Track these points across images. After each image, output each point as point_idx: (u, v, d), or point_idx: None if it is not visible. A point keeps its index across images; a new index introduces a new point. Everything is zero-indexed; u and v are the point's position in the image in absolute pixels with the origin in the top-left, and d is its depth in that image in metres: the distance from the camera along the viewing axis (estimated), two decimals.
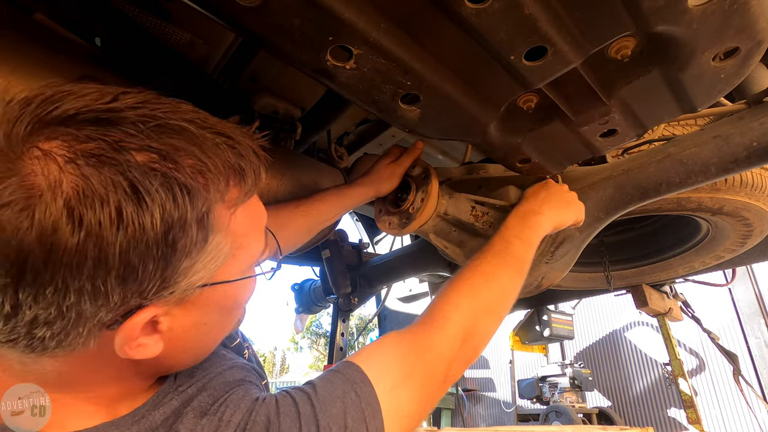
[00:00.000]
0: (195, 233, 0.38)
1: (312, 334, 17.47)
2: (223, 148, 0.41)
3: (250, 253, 0.46)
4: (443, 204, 0.97)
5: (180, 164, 0.37)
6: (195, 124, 0.40)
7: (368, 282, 2.08)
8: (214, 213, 0.40)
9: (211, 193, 0.39)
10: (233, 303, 0.48)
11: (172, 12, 0.91)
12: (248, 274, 0.48)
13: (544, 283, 1.00)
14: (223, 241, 0.42)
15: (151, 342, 0.41)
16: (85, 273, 0.33)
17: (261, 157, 0.45)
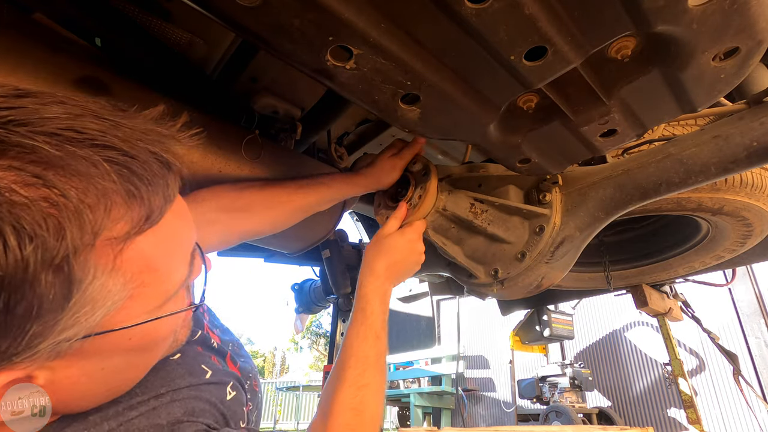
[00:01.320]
0: (47, 289, 0.29)
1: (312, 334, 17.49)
2: (102, 168, 0.31)
3: (160, 289, 0.38)
4: (442, 200, 0.97)
5: (18, 200, 0.28)
6: (58, 137, 0.30)
7: None
8: (84, 258, 0.31)
9: (71, 234, 0.29)
10: (146, 343, 0.40)
11: (172, 12, 0.91)
12: (164, 309, 0.40)
13: (544, 283, 1.00)
14: (109, 286, 0.33)
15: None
16: None
17: (171, 170, 0.37)
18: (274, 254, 1.77)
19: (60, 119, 0.31)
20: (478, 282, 1.03)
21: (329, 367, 2.27)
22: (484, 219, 0.97)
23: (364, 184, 0.96)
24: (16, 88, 0.32)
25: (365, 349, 0.70)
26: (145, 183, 0.34)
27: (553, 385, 5.64)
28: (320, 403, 0.66)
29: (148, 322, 0.38)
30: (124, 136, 0.34)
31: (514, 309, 2.69)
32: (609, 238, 1.80)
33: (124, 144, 0.33)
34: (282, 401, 14.80)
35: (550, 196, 0.94)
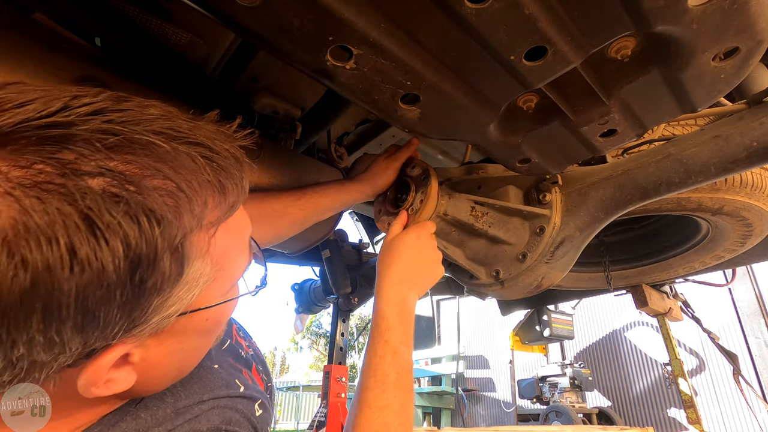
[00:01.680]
0: (168, 267, 0.33)
1: (312, 334, 17.49)
2: (199, 162, 0.35)
3: (232, 273, 0.42)
4: (443, 204, 0.97)
5: (146, 188, 0.31)
6: (164, 135, 0.34)
7: (368, 282, 2.08)
8: (191, 240, 0.35)
9: (185, 219, 0.34)
10: (213, 325, 0.44)
11: (172, 12, 0.91)
12: (230, 294, 0.44)
13: (544, 283, 1.00)
14: (202, 268, 0.37)
15: (121, 376, 0.37)
16: (34, 325, 0.29)
17: (243, 165, 0.40)
18: (274, 254, 1.77)
19: (160, 120, 0.35)
20: (479, 283, 1.03)
21: (329, 367, 2.27)
22: (485, 222, 0.97)
23: (359, 189, 0.96)
24: (117, 94, 0.35)
25: (384, 367, 0.67)
26: (229, 176, 0.38)
27: (553, 385, 5.64)
28: (345, 428, 0.65)
29: (222, 304, 0.42)
30: (206, 135, 0.37)
31: (514, 309, 2.69)
32: (609, 238, 1.80)
33: (209, 141, 0.37)
34: (282, 401, 14.81)
35: (550, 196, 0.94)
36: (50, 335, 0.30)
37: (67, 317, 0.30)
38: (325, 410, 2.15)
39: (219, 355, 0.57)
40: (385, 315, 0.73)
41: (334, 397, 2.17)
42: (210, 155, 0.37)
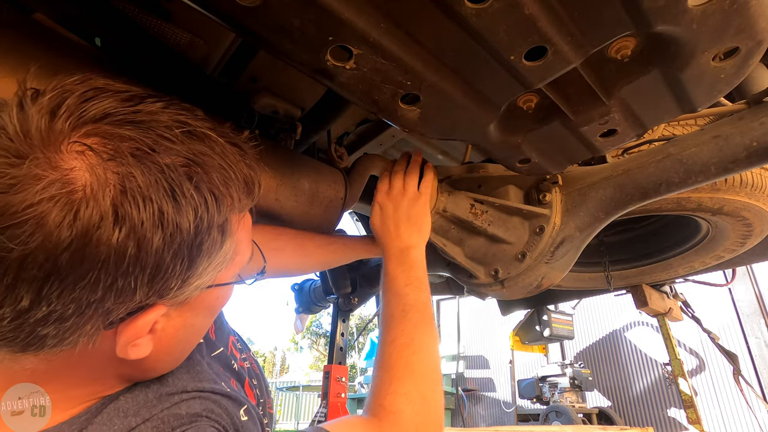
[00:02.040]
0: (216, 237, 0.40)
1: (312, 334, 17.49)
2: (237, 158, 0.42)
3: (242, 259, 0.48)
4: (442, 201, 0.97)
5: (208, 171, 0.38)
6: (216, 132, 0.41)
7: (368, 282, 2.08)
8: (231, 220, 0.42)
9: (231, 200, 0.41)
10: (218, 305, 0.49)
11: (172, 12, 0.91)
12: (236, 279, 0.49)
13: (544, 283, 1.00)
14: (231, 246, 0.43)
15: (143, 342, 0.40)
16: (121, 270, 0.34)
17: (259, 167, 0.47)
18: None
19: (207, 121, 0.42)
20: (478, 282, 1.03)
21: (329, 367, 2.27)
22: (485, 220, 0.97)
23: (376, 253, 1.06)
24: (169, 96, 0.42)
25: (390, 310, 0.75)
26: (255, 175, 0.44)
27: (553, 385, 5.64)
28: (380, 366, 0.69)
29: (230, 285, 0.47)
30: (233, 140, 0.43)
31: (514, 309, 2.69)
32: (609, 238, 1.80)
33: (240, 142, 0.44)
34: (282, 401, 14.80)
35: (550, 196, 0.94)
36: (128, 281, 0.35)
37: (146, 266, 0.35)
38: (325, 410, 2.15)
39: (210, 359, 0.58)
40: (386, 270, 0.82)
41: (334, 397, 2.17)
42: (243, 154, 0.43)
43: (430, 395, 0.66)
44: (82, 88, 0.36)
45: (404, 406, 0.62)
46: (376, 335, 8.68)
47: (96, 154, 0.33)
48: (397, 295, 0.76)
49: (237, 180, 0.41)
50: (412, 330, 0.71)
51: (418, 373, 0.67)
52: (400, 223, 0.87)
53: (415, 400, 0.63)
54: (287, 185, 1.08)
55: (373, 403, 0.64)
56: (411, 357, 0.68)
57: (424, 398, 0.65)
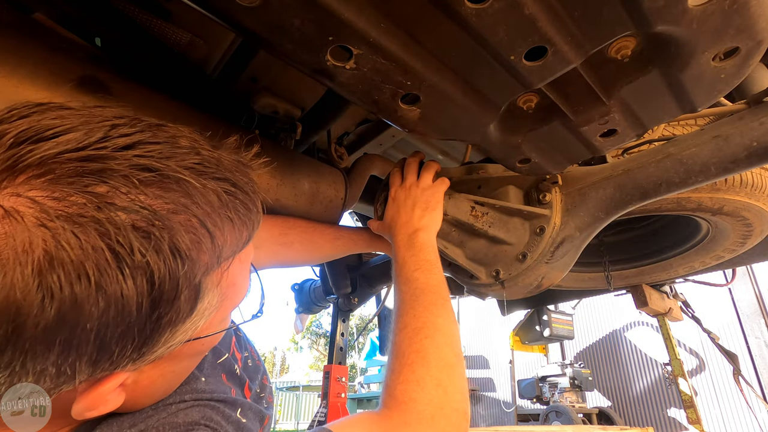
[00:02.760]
0: (183, 305, 0.34)
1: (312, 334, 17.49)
2: (224, 199, 0.36)
3: (234, 302, 0.43)
4: (443, 204, 0.97)
5: (175, 227, 0.32)
6: (194, 171, 0.35)
7: (368, 282, 2.08)
8: (209, 276, 0.36)
9: (206, 256, 0.34)
10: (207, 348, 0.45)
11: (172, 12, 0.91)
12: (227, 321, 0.44)
13: (544, 283, 1.00)
14: (212, 300, 0.38)
15: (112, 397, 0.36)
16: (51, 357, 0.29)
17: (258, 196, 0.41)
18: None
19: (191, 154, 0.35)
20: (479, 283, 1.03)
21: (329, 367, 2.27)
22: (485, 222, 0.97)
23: (385, 248, 1.06)
24: (152, 123, 0.36)
25: (400, 296, 0.73)
26: (247, 211, 0.39)
27: (553, 385, 5.64)
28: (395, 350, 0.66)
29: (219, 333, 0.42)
30: (228, 168, 0.38)
31: (514, 309, 2.69)
32: (609, 238, 1.80)
33: (231, 176, 0.38)
34: (282, 401, 14.80)
35: (550, 196, 0.94)
36: (63, 368, 0.30)
37: (84, 352, 0.30)
38: (325, 410, 2.15)
39: (211, 369, 0.56)
40: (396, 258, 0.81)
41: (334, 397, 2.17)
42: (233, 191, 0.37)
43: (447, 380, 0.60)
44: (24, 124, 0.30)
45: (417, 394, 0.57)
46: (376, 335, 8.68)
47: (23, 216, 0.27)
48: (408, 281, 0.73)
49: (219, 231, 0.35)
50: (423, 313, 0.67)
51: (432, 357, 0.62)
52: (411, 208, 0.86)
53: (428, 387, 0.58)
54: (287, 185, 1.08)
55: (385, 395, 0.59)
56: (423, 342, 0.63)
57: (439, 384, 0.59)
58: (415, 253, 0.78)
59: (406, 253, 0.79)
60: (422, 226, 0.83)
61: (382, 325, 3.08)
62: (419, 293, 0.71)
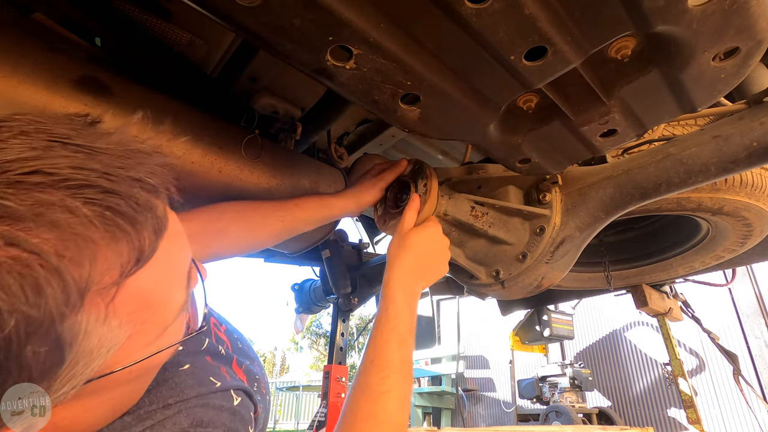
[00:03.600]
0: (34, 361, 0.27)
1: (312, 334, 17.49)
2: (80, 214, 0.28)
3: (159, 321, 0.37)
4: (443, 204, 0.97)
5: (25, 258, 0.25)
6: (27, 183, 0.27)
7: (368, 282, 2.08)
8: (71, 320, 0.28)
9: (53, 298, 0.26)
10: (146, 370, 0.39)
11: (172, 12, 0.91)
12: (161, 340, 0.38)
13: (544, 283, 1.00)
14: (104, 333, 0.31)
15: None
16: None
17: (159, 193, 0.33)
18: (274, 254, 1.77)
19: (25, 160, 0.27)
20: (479, 283, 1.03)
21: (329, 367, 2.27)
22: (485, 222, 0.97)
23: (342, 206, 0.94)
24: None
25: (388, 353, 0.66)
26: (132, 221, 0.31)
27: (553, 385, 5.64)
28: (342, 413, 0.62)
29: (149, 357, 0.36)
30: (102, 168, 0.30)
31: (514, 309, 2.69)
32: (609, 238, 1.80)
33: (103, 178, 0.30)
34: (282, 401, 14.80)
35: (550, 196, 0.94)
36: None
37: None
38: (325, 410, 2.15)
39: (195, 356, 0.54)
40: (395, 300, 0.73)
41: (334, 397, 2.17)
42: (102, 198, 0.29)
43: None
44: None
45: None
46: None
47: None
48: (401, 341, 0.69)
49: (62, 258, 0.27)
50: (406, 386, 0.65)
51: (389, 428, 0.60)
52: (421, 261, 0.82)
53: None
54: (287, 185, 1.08)
55: None
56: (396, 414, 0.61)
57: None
58: (411, 314, 0.74)
59: (407, 306, 0.74)
60: (420, 287, 0.81)
61: None
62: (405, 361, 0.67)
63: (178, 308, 0.38)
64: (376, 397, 0.60)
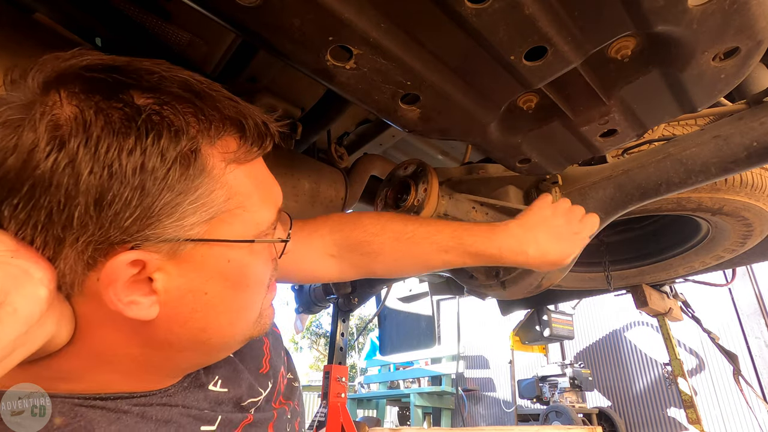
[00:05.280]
0: (177, 167, 0.37)
1: (312, 334, 17.48)
2: (223, 102, 0.41)
3: (253, 219, 0.44)
4: (443, 204, 0.97)
5: (173, 106, 0.37)
6: (198, 81, 0.40)
7: (368, 282, 2.08)
8: (203, 154, 0.39)
9: (199, 133, 0.39)
10: (238, 275, 0.44)
11: (172, 12, 0.91)
12: (255, 245, 0.45)
13: (544, 283, 1.00)
14: (216, 191, 0.40)
15: (145, 301, 0.39)
16: (58, 195, 0.34)
17: (268, 125, 0.44)
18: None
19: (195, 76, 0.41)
20: (479, 283, 1.03)
21: (329, 367, 2.27)
22: (485, 221, 0.97)
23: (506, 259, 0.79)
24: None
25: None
26: (247, 121, 0.42)
27: (553, 385, 5.63)
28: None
29: (244, 242, 0.43)
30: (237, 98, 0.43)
31: (514, 309, 2.69)
32: (609, 238, 1.80)
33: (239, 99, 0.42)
34: None
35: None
36: (71, 211, 0.34)
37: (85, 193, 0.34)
38: (325, 410, 2.15)
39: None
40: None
41: (334, 397, 2.17)
42: (235, 104, 0.41)
43: None
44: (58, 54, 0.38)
45: None
46: (376, 335, 8.68)
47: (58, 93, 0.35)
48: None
49: (212, 117, 0.39)
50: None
51: None
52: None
53: None
54: (287, 185, 1.08)
55: None
56: None
57: None
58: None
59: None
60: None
61: (382, 325, 3.08)
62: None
63: (268, 222, 0.45)
64: None
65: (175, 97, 0.38)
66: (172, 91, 0.38)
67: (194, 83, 0.40)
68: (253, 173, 0.44)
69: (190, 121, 0.38)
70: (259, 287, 0.47)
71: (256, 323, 0.49)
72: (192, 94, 0.39)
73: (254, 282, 0.46)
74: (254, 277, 0.46)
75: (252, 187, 0.44)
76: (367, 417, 7.48)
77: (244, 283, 0.45)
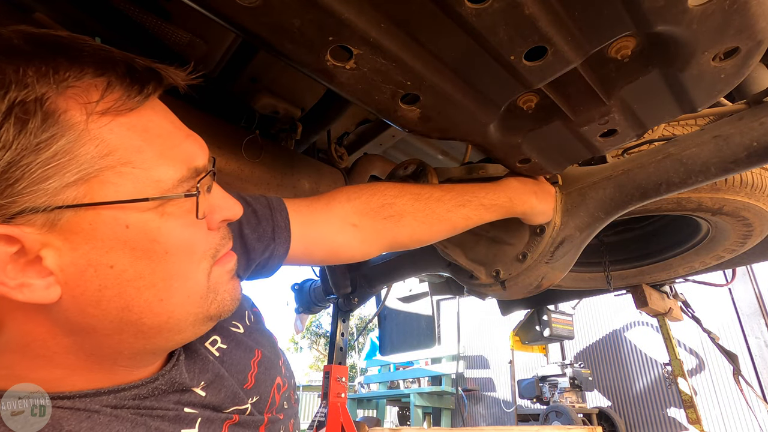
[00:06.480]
0: (12, 119, 0.32)
1: (312, 334, 17.48)
2: (85, 51, 0.36)
3: (149, 176, 0.38)
4: None
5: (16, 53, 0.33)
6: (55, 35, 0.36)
7: (368, 282, 2.08)
8: (51, 105, 0.34)
9: (38, 82, 0.33)
10: (147, 241, 0.38)
11: (171, 12, 0.91)
12: (162, 206, 0.39)
13: (544, 283, 1.00)
14: (85, 147, 0.35)
15: (40, 283, 0.34)
16: None
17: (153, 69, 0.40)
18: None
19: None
20: (479, 282, 1.03)
21: (329, 367, 2.27)
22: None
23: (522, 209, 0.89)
24: None
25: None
26: (117, 64, 0.38)
27: (553, 385, 5.63)
28: None
29: (132, 202, 0.37)
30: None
31: (514, 309, 2.69)
32: (609, 238, 1.80)
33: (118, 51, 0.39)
34: None
35: None
36: None
37: None
38: (325, 410, 2.15)
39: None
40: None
41: (334, 397, 2.17)
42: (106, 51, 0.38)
43: None
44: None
45: None
46: (376, 335, 8.69)
47: None
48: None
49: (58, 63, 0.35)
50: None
51: None
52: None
53: None
54: (287, 185, 1.08)
55: None
56: None
57: None
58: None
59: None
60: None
61: (382, 325, 3.08)
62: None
63: (173, 180, 0.39)
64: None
65: (7, 50, 0.34)
66: (9, 45, 0.34)
67: (42, 35, 0.35)
68: (141, 126, 0.38)
69: (28, 72, 0.33)
70: (187, 255, 0.41)
71: (206, 299, 0.43)
72: (35, 46, 0.35)
73: (175, 249, 0.40)
74: (173, 243, 0.40)
75: (141, 141, 0.38)
76: (367, 417, 7.48)
77: (160, 251, 0.39)
